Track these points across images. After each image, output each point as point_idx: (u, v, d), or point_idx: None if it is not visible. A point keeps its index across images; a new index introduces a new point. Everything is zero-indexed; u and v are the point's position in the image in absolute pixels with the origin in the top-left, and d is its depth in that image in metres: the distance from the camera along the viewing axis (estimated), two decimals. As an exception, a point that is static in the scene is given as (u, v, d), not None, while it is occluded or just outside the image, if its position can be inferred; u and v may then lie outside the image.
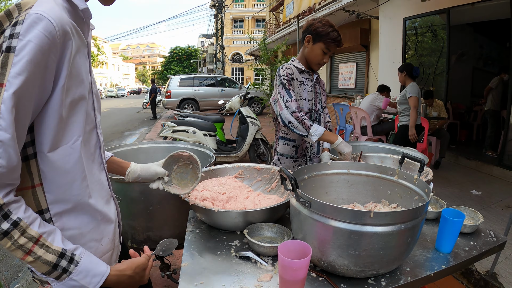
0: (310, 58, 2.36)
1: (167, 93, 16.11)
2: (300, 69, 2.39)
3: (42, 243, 0.92)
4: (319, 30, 2.24)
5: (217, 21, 27.48)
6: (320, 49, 2.28)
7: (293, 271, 1.01)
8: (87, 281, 0.98)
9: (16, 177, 0.89)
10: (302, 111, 2.36)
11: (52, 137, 0.95)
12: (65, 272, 0.95)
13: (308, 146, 2.49)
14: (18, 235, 0.87)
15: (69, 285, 0.96)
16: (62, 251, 0.95)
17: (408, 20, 8.45)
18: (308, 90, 2.40)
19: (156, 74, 65.12)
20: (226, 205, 1.66)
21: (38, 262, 0.91)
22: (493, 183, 5.82)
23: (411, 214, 1.10)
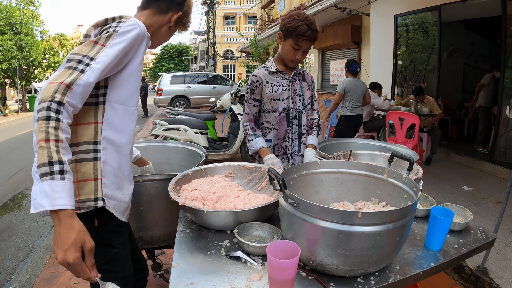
0: (283, 55, 2.33)
1: (159, 91, 16.04)
2: (271, 71, 2.38)
3: (58, 145, 1.13)
4: (288, 25, 2.18)
5: (208, 18, 27.37)
6: (290, 46, 2.23)
7: (282, 271, 1.02)
8: (54, 196, 1.08)
9: (82, 99, 1.26)
10: (277, 111, 2.39)
11: (121, 95, 1.46)
12: (51, 174, 1.09)
13: (288, 145, 2.49)
14: (53, 125, 1.13)
15: (42, 188, 1.07)
16: (64, 161, 1.13)
17: (399, 17, 8.49)
18: (282, 90, 2.38)
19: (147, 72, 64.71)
20: (216, 204, 1.65)
21: (45, 151, 1.09)
22: (484, 179, 5.89)
23: (399, 213, 1.10)
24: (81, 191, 1.35)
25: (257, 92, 2.37)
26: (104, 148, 1.41)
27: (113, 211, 1.46)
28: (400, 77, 8.76)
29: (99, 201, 1.38)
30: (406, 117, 5.80)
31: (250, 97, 2.39)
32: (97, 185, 1.38)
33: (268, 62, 2.44)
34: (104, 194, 1.41)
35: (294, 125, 2.46)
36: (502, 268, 3.09)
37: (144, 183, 1.99)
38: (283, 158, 2.51)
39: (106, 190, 1.42)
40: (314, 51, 14.36)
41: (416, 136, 5.92)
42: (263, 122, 2.45)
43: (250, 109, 2.41)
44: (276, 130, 2.42)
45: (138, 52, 1.46)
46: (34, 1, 21.37)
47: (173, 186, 1.71)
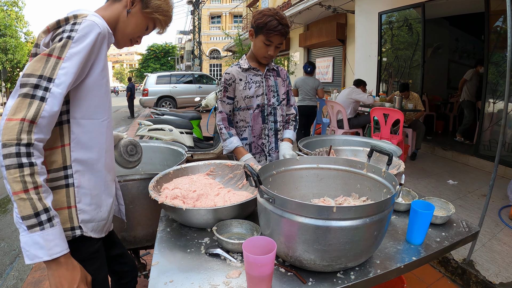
0: (255, 52, 2.32)
1: (144, 91, 15.94)
2: (244, 68, 2.36)
3: (39, 192, 1.08)
4: (258, 22, 2.17)
5: (194, 18, 27.26)
6: (262, 42, 2.21)
7: (258, 267, 1.01)
8: (49, 246, 1.09)
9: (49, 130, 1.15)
10: (251, 108, 2.38)
11: (86, 109, 1.29)
12: (40, 225, 1.07)
13: (264, 142, 2.48)
14: (28, 173, 1.05)
15: (34, 240, 1.07)
16: (49, 208, 1.10)
17: (383, 14, 8.55)
18: (255, 87, 2.37)
19: (133, 72, 64.27)
20: (197, 202, 1.64)
21: (28, 203, 1.05)
22: (469, 172, 5.96)
23: (376, 207, 1.10)
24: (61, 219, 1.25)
25: (230, 90, 2.35)
26: (77, 171, 1.29)
27: (92, 233, 1.37)
28: (385, 74, 8.82)
29: (76, 230, 1.30)
30: (391, 113, 5.84)
31: (224, 95, 2.36)
32: (71, 213, 1.29)
33: (241, 60, 2.42)
34: (81, 221, 1.31)
35: (269, 122, 2.45)
36: (488, 260, 3.12)
37: (125, 183, 1.98)
38: (260, 155, 2.50)
39: (83, 216, 1.32)
40: (299, 49, 14.41)
41: (400, 132, 5.98)
42: (238, 121, 2.43)
43: (223, 107, 2.37)
44: (251, 127, 2.41)
45: (99, 56, 1.29)
46: (18, 2, 21.12)
47: (153, 185, 1.70)
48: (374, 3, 8.61)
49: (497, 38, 5.79)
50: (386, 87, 8.86)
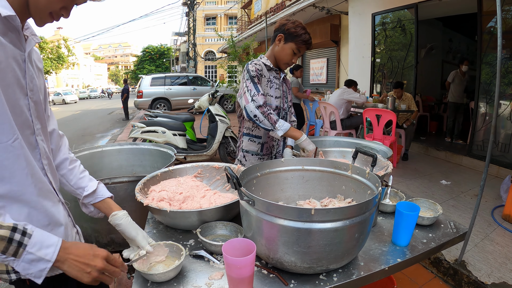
0: (280, 56, 2.36)
1: (139, 93, 15.92)
2: (269, 67, 2.38)
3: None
4: (292, 30, 2.26)
5: (189, 19, 27.26)
6: (291, 49, 2.30)
7: (238, 269, 1.02)
8: (43, 253, 1.00)
9: None
10: (270, 107, 2.34)
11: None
12: (21, 245, 0.97)
13: (274, 144, 2.49)
14: None
15: (28, 259, 0.99)
16: (14, 225, 0.98)
17: (377, 16, 8.57)
18: (275, 88, 2.40)
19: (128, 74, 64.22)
20: (183, 204, 1.65)
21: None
22: (463, 172, 5.97)
23: (356, 210, 1.10)
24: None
25: (261, 80, 2.32)
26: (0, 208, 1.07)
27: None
28: (379, 75, 8.85)
29: (11, 273, 1.16)
30: (383, 114, 5.86)
31: (257, 82, 2.25)
32: None
33: (261, 59, 2.41)
34: None
35: None
36: (480, 260, 3.12)
37: (113, 185, 1.99)
38: (268, 157, 2.52)
39: None
40: (293, 50, 14.42)
41: (393, 133, 5.99)
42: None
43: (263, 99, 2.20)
44: None
45: None
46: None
47: (140, 187, 1.71)
48: (368, 4, 8.63)
49: (489, 39, 5.82)
50: (380, 88, 8.89)
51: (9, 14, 1.01)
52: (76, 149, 2.67)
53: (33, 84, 1.16)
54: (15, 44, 1.08)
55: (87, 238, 2.14)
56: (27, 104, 1.14)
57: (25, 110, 1.13)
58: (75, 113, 23.29)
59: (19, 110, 1.10)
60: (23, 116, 1.11)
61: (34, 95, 1.17)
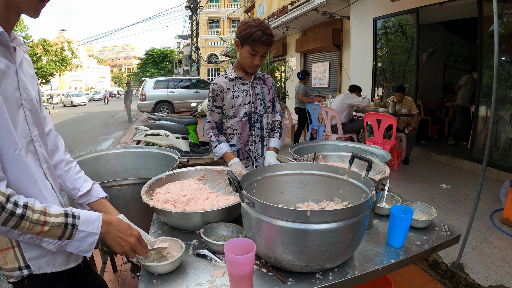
0: (241, 62, 2.41)
1: (142, 96, 15.99)
2: (231, 78, 2.45)
3: (49, 213, 1.09)
4: (243, 33, 2.26)
5: (192, 22, 27.36)
6: (247, 52, 2.30)
7: (238, 266, 1.09)
8: (92, 228, 1.17)
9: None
10: (238, 116, 2.49)
11: None
12: (74, 227, 1.13)
13: (251, 148, 2.59)
14: (31, 214, 1.04)
15: (80, 237, 1.15)
16: (64, 212, 1.13)
17: (378, 20, 8.61)
18: (242, 96, 2.47)
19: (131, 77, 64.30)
20: (187, 206, 1.72)
21: (53, 228, 1.08)
22: (463, 176, 5.99)
23: (349, 212, 1.16)
24: (7, 259, 1.23)
25: (218, 100, 2.46)
26: None
27: (48, 268, 1.28)
28: (381, 78, 8.88)
29: (23, 269, 1.23)
30: (383, 118, 5.90)
31: (212, 105, 2.48)
32: (16, 253, 1.22)
33: (228, 70, 2.51)
34: (29, 259, 1.23)
35: (256, 129, 2.56)
36: (477, 263, 3.15)
37: (119, 188, 2.05)
38: (247, 161, 2.61)
39: (30, 254, 1.23)
40: (296, 54, 14.48)
41: (394, 137, 6.03)
42: (226, 128, 2.54)
43: (212, 117, 2.50)
44: (239, 134, 2.51)
45: None
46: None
47: (146, 189, 1.77)
48: (369, 9, 8.68)
49: (490, 43, 5.84)
50: (381, 92, 8.93)
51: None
52: (81, 151, 2.74)
53: (26, 94, 1.21)
54: (7, 57, 1.13)
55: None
56: (23, 113, 1.20)
57: (22, 119, 1.19)
58: (78, 115, 23.38)
59: (17, 121, 1.16)
60: (20, 126, 1.17)
61: (28, 104, 1.23)
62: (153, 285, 1.22)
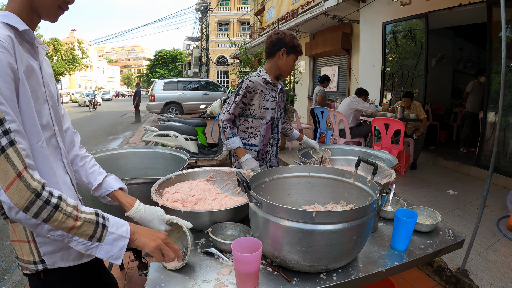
0: (284, 68, 2.62)
1: (151, 97, 16.08)
2: (267, 81, 2.62)
3: (80, 210, 1.09)
4: (291, 44, 2.54)
5: (202, 24, 27.49)
6: (293, 60, 2.60)
7: (245, 264, 1.12)
8: (121, 231, 1.16)
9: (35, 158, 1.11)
10: (264, 119, 2.67)
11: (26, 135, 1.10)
12: (104, 227, 1.12)
13: (269, 150, 2.74)
14: (65, 206, 1.05)
15: (111, 240, 1.13)
16: (95, 211, 1.13)
17: (387, 24, 8.61)
18: (271, 101, 2.66)
19: (141, 77, 64.60)
20: (195, 206, 1.75)
21: (85, 224, 1.08)
22: (470, 183, 5.95)
23: (354, 213, 1.19)
24: (23, 252, 1.25)
25: (248, 97, 2.60)
26: None
27: (62, 263, 1.31)
28: (390, 83, 8.86)
29: (38, 264, 1.26)
30: (391, 123, 5.90)
31: (240, 100, 2.58)
32: (31, 247, 1.24)
33: (261, 72, 2.65)
34: (44, 254, 1.25)
35: (275, 133, 2.75)
36: (482, 270, 3.14)
37: (129, 186, 2.08)
38: (263, 162, 2.75)
39: (45, 248, 1.25)
40: (305, 57, 14.48)
41: (401, 142, 6.03)
42: (248, 127, 2.66)
43: (235, 111, 2.61)
44: (263, 136, 2.66)
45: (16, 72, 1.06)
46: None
47: (155, 189, 1.81)
48: (378, 13, 8.68)
49: (499, 49, 5.80)
50: (390, 97, 8.91)
51: (24, 28, 1.13)
52: (90, 151, 2.79)
53: (49, 90, 1.28)
54: (32, 54, 1.20)
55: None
56: (48, 108, 1.25)
57: (47, 114, 1.24)
58: (87, 115, 23.55)
59: (43, 114, 1.21)
60: (45, 120, 1.22)
61: (51, 100, 1.29)
62: (161, 282, 1.26)
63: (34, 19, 1.20)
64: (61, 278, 1.33)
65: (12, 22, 1.10)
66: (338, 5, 9.08)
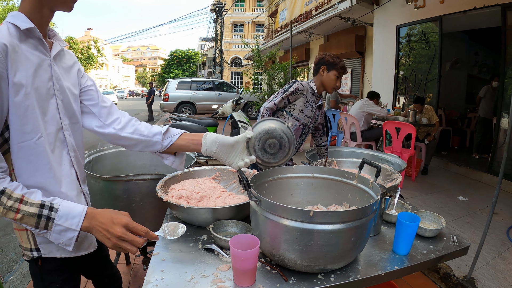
0: (326, 83, 3.02)
1: (165, 96, 16.20)
2: (313, 91, 3.05)
3: (26, 201, 1.13)
4: (331, 61, 2.97)
5: (216, 25, 27.62)
6: (334, 75, 2.98)
7: (242, 261, 1.14)
8: (69, 223, 1.17)
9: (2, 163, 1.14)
10: (299, 121, 3.00)
11: (16, 132, 1.17)
12: (49, 219, 1.15)
13: None
14: (6, 200, 1.10)
15: (57, 230, 1.16)
16: (42, 202, 1.15)
17: (401, 27, 8.57)
18: (309, 109, 3.02)
19: (155, 77, 65.06)
20: (199, 203, 1.77)
21: (26, 217, 1.12)
22: (482, 189, 5.88)
23: (352, 214, 1.19)
24: (23, 239, 1.33)
25: (294, 97, 2.96)
26: None
27: (58, 253, 1.35)
28: (403, 86, 8.81)
29: (33, 251, 1.33)
30: (402, 127, 5.87)
31: (286, 96, 2.93)
32: (28, 236, 1.31)
33: (311, 83, 3.08)
34: (39, 243, 1.32)
35: (301, 140, 3.05)
36: (489, 278, 3.11)
37: (136, 182, 2.13)
38: None
39: (40, 239, 1.32)
40: (318, 60, 14.44)
41: (412, 146, 5.98)
42: None
43: (279, 103, 2.95)
44: None
45: (11, 70, 1.13)
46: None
47: (161, 185, 1.85)
48: (392, 16, 8.64)
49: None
50: (403, 101, 8.85)
51: (27, 27, 1.17)
52: (102, 147, 2.83)
53: (59, 85, 1.31)
54: (39, 50, 1.23)
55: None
56: (55, 103, 1.29)
57: (53, 108, 1.28)
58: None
59: (47, 109, 1.26)
60: (50, 114, 1.27)
61: (61, 94, 1.32)
62: (161, 274, 1.28)
63: (45, 14, 1.23)
64: (57, 267, 1.38)
65: (17, 22, 1.16)
66: (352, 7, 9.06)
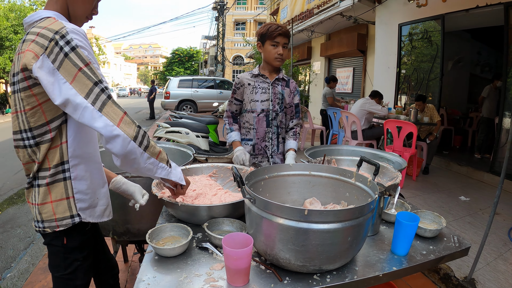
0: (267, 58, 2.59)
1: (166, 94, 16.21)
2: (254, 74, 2.68)
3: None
4: (261, 32, 2.56)
5: (218, 23, 27.58)
6: (269, 45, 2.52)
7: (235, 260, 1.11)
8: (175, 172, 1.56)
9: None
10: (255, 112, 2.68)
11: None
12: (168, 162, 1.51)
13: (268, 145, 2.71)
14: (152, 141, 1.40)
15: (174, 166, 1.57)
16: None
17: (403, 26, 8.52)
18: (261, 92, 2.65)
19: (157, 75, 65.00)
20: (195, 201, 1.75)
21: (163, 151, 1.46)
22: (483, 189, 5.85)
23: (348, 213, 1.16)
24: (56, 211, 1.41)
25: (238, 93, 2.71)
26: (74, 165, 1.42)
27: (90, 219, 1.51)
28: (405, 85, 8.76)
29: (75, 217, 1.45)
30: (404, 125, 5.83)
31: (232, 96, 2.75)
32: (70, 203, 1.43)
33: (254, 68, 2.74)
34: (79, 209, 1.46)
35: (273, 126, 2.70)
36: (490, 279, 3.08)
37: (132, 179, 2.10)
38: (262, 157, 2.74)
39: (81, 205, 1.46)
40: (320, 58, 14.44)
41: (413, 145, 5.94)
42: (244, 122, 2.72)
43: (230, 107, 2.76)
44: (256, 130, 2.67)
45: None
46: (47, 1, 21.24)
47: (157, 182, 1.82)
48: (394, 14, 8.59)
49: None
50: (405, 99, 8.81)
51: None
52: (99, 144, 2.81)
53: None
54: None
55: (104, 227, 2.28)
56: None
57: None
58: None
59: None
60: None
61: None
62: (153, 272, 1.27)
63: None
64: (80, 244, 1.52)
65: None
66: (354, 5, 9.02)
